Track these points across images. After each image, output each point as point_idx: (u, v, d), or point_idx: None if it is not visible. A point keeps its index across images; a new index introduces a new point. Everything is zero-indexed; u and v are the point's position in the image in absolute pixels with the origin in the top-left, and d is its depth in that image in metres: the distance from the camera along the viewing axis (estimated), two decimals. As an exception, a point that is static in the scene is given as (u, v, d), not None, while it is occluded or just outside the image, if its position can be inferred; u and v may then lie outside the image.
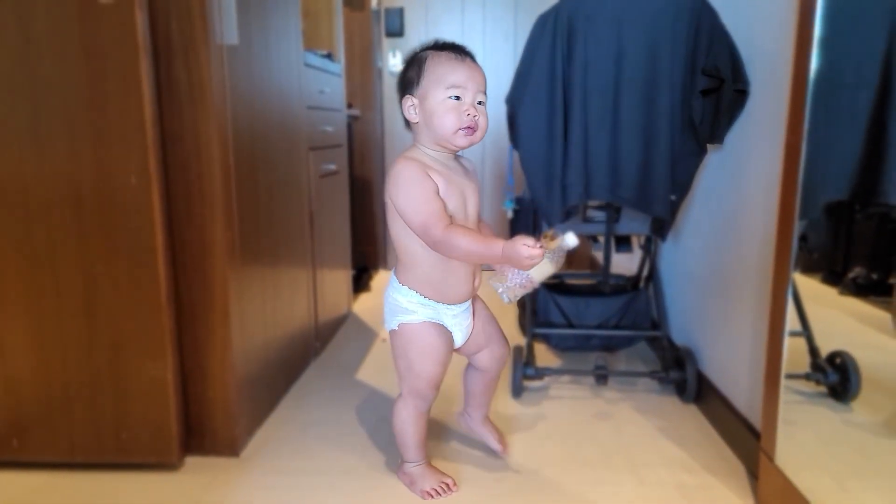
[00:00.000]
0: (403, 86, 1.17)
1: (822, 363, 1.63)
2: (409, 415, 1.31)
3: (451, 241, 1.10)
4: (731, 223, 1.58)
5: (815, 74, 1.12)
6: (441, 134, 1.14)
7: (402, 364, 1.29)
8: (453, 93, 1.12)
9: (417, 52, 1.18)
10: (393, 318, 1.27)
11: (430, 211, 1.11)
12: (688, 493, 1.32)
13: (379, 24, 3.24)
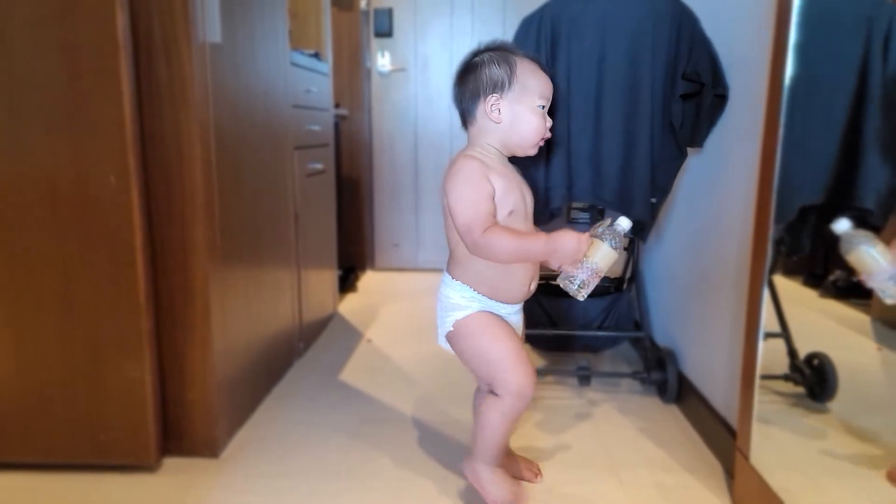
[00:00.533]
0: (488, 84, 1.13)
1: (800, 364, 1.65)
2: (501, 415, 1.18)
3: (490, 243, 1.08)
4: (711, 226, 1.59)
5: (791, 80, 1.13)
6: (524, 139, 1.15)
7: (478, 363, 1.20)
8: (543, 103, 1.14)
9: (502, 52, 1.15)
10: (447, 317, 1.21)
11: (477, 213, 1.09)
12: (666, 492, 1.33)
13: (368, 24, 3.24)
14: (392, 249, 3.45)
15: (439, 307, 1.24)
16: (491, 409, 1.19)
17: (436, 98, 3.29)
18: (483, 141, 1.17)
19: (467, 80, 1.15)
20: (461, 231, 1.12)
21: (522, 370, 1.16)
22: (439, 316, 1.24)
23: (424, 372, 2.01)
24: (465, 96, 1.16)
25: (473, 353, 1.20)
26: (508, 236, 1.09)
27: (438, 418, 1.68)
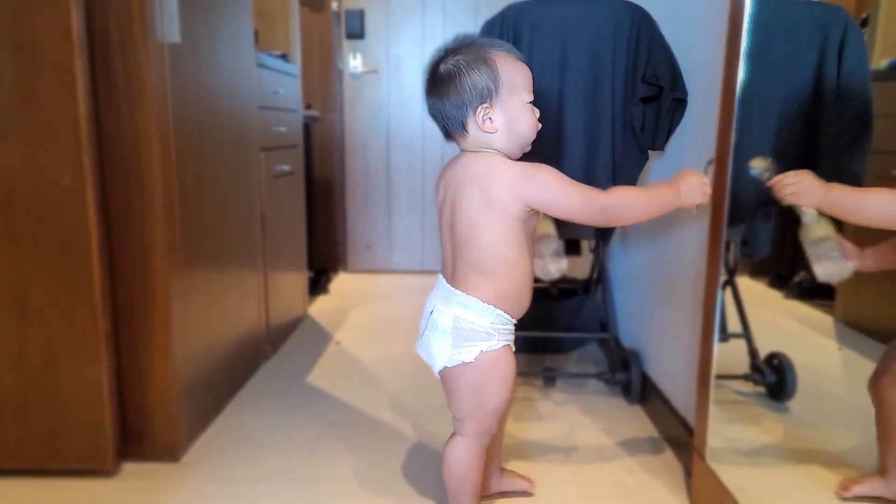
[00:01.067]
0: (473, 95, 1.02)
1: (760, 364, 1.68)
2: (474, 457, 1.12)
3: (620, 202, 1.03)
4: (671, 229, 1.61)
5: (746, 85, 1.15)
6: (522, 139, 1.07)
7: (473, 402, 1.09)
8: (530, 98, 1.07)
9: (476, 52, 1.03)
10: (468, 346, 1.06)
11: (580, 186, 1.03)
12: (626, 492, 1.35)
13: (339, 25, 3.23)
14: (365, 251, 3.45)
15: (453, 336, 1.06)
16: (462, 451, 1.12)
17: (408, 99, 3.29)
18: (485, 148, 1.07)
19: (445, 91, 1.04)
20: (583, 208, 1.03)
21: (497, 419, 1.13)
22: (453, 344, 1.06)
23: (393, 374, 2.01)
24: (447, 110, 1.05)
25: (476, 391, 1.08)
26: (633, 191, 1.05)
27: (406, 420, 1.68)
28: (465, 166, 1.07)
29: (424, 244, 3.43)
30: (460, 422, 1.12)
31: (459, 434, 1.13)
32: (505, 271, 1.06)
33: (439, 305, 1.09)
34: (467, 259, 1.06)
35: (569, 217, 1.06)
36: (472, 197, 1.04)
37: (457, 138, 1.09)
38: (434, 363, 1.11)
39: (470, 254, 1.06)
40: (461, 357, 1.06)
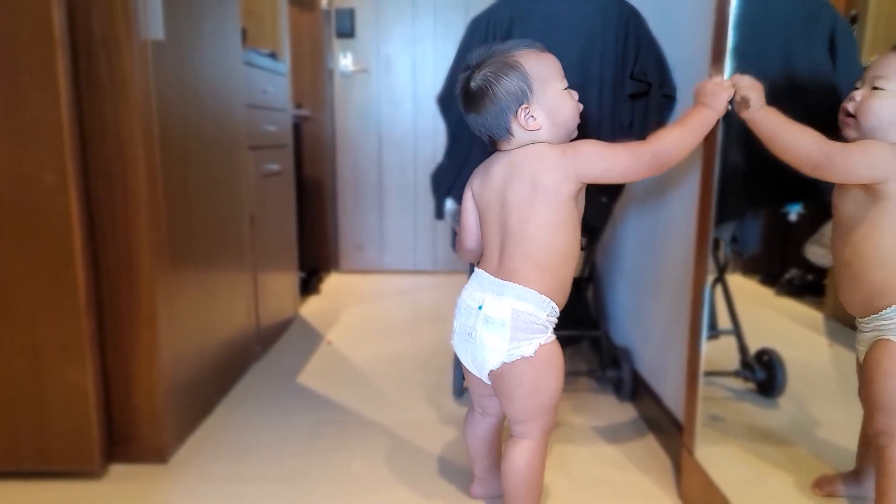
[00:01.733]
0: (511, 100, 1.04)
1: (750, 361, 1.68)
2: (543, 460, 1.10)
3: (664, 140, 1.05)
4: (661, 226, 1.61)
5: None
6: (569, 125, 1.09)
7: (535, 399, 1.07)
8: (564, 84, 1.09)
9: (505, 60, 1.05)
10: (528, 340, 1.04)
11: (622, 144, 1.06)
12: (615, 489, 1.34)
13: (329, 24, 3.22)
14: (356, 252, 3.43)
15: (512, 329, 1.04)
16: (532, 456, 1.09)
17: (399, 99, 3.28)
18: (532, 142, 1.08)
19: (482, 105, 1.06)
20: (633, 163, 1.05)
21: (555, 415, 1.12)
22: (511, 337, 1.04)
23: (384, 374, 2.00)
24: (489, 121, 1.06)
25: (537, 386, 1.06)
26: (671, 129, 1.07)
27: (397, 420, 1.67)
28: (512, 159, 1.08)
29: (416, 244, 3.42)
30: (523, 423, 1.09)
31: (525, 437, 1.09)
32: (558, 261, 1.07)
33: (490, 299, 1.06)
34: (521, 250, 1.06)
35: (623, 178, 1.09)
36: (523, 186, 1.06)
37: (502, 143, 1.10)
38: (487, 359, 1.07)
39: (524, 245, 1.05)
40: (521, 351, 1.04)
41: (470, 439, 1.26)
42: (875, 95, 0.97)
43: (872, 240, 0.98)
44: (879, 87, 0.97)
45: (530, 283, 1.04)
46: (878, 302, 1.00)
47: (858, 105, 0.99)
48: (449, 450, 1.51)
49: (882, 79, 0.97)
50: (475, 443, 1.25)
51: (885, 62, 0.98)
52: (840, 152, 0.97)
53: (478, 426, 1.23)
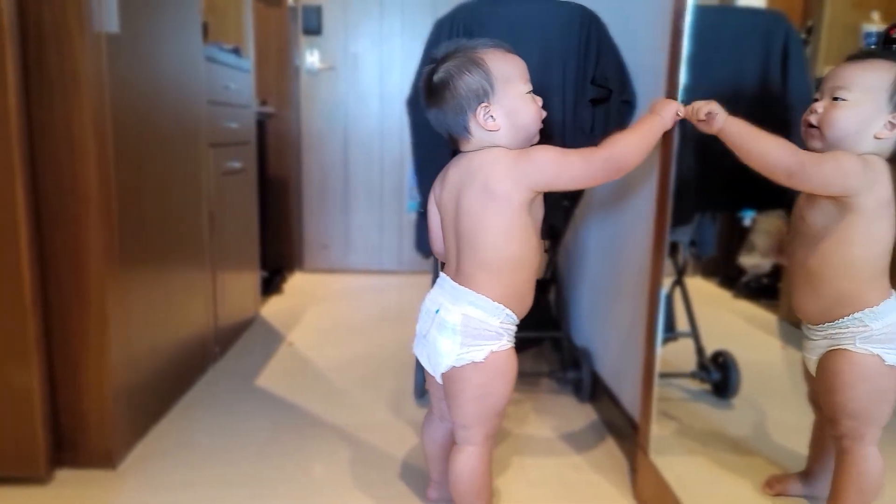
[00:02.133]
0: (470, 97, 1.03)
1: (706, 362, 1.71)
2: (487, 465, 1.10)
3: (617, 146, 1.05)
4: (620, 229, 1.63)
5: (688, 90, 1.16)
6: (529, 129, 1.07)
7: (479, 404, 1.07)
8: (528, 87, 1.07)
9: (470, 56, 1.04)
10: (478, 346, 1.04)
11: (575, 150, 1.05)
12: (570, 490, 1.36)
13: (296, 21, 3.18)
14: (321, 251, 3.40)
15: (462, 335, 1.04)
16: (476, 461, 1.09)
17: (366, 97, 3.26)
18: (491, 144, 1.07)
19: (442, 99, 1.04)
20: (584, 169, 1.04)
21: (500, 420, 1.12)
22: (461, 343, 1.04)
23: (346, 375, 1.98)
24: (448, 117, 1.05)
25: (482, 393, 1.06)
26: (624, 134, 1.07)
27: (357, 422, 1.65)
28: (468, 163, 1.07)
29: (382, 244, 3.40)
30: (466, 428, 1.09)
31: (467, 443, 1.09)
32: (512, 269, 1.05)
33: (447, 304, 1.06)
34: (474, 257, 1.05)
35: (576, 185, 1.09)
36: (476, 192, 1.04)
37: (462, 142, 1.09)
38: (439, 363, 1.07)
39: (476, 252, 1.05)
40: (471, 356, 1.04)
41: (428, 443, 1.25)
42: (837, 106, 0.99)
43: (841, 251, 1.00)
44: (840, 97, 0.99)
45: (484, 290, 1.04)
46: (838, 311, 1.02)
47: (821, 116, 1.00)
48: (408, 452, 1.50)
49: (842, 90, 0.99)
50: (433, 447, 1.25)
51: (843, 73, 1.00)
52: (813, 162, 0.98)
53: (436, 431, 1.23)
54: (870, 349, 1.00)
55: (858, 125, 0.99)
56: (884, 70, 0.98)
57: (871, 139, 0.99)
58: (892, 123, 0.98)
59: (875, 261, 1.00)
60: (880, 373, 1.00)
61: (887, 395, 1.01)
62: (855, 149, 0.99)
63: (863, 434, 1.02)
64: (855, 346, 1.01)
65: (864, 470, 1.02)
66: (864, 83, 0.98)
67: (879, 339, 0.99)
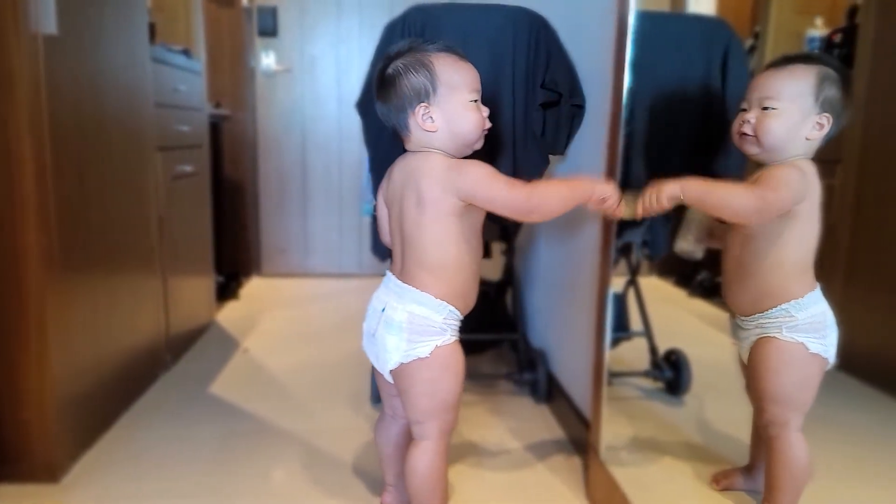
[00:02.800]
0: (411, 95, 1.05)
1: (659, 361, 1.75)
2: (443, 460, 1.11)
3: (542, 191, 1.06)
4: (573, 231, 1.65)
5: (634, 94, 1.19)
6: (467, 137, 1.08)
7: (430, 399, 1.08)
8: (474, 96, 1.08)
9: (415, 55, 1.06)
10: (423, 342, 1.06)
11: (507, 180, 1.05)
12: (524, 489, 1.37)
13: (251, 22, 3.13)
14: (279, 255, 3.35)
15: (408, 331, 1.06)
16: (431, 456, 1.10)
17: (324, 100, 3.23)
18: (429, 147, 1.09)
19: (389, 95, 1.07)
20: (508, 200, 1.05)
21: (455, 416, 1.12)
22: (407, 339, 1.06)
23: (301, 381, 1.96)
24: (392, 113, 1.08)
25: (432, 388, 1.08)
26: (553, 182, 1.08)
27: (312, 428, 1.63)
28: (407, 166, 1.09)
29: (342, 247, 3.37)
30: (421, 424, 1.10)
31: (423, 438, 1.10)
32: (451, 270, 1.08)
33: (393, 302, 1.08)
34: (415, 257, 1.08)
35: (493, 208, 1.08)
36: (412, 197, 1.06)
37: (405, 140, 1.11)
38: (387, 360, 1.09)
39: (417, 253, 1.07)
40: (417, 352, 1.06)
41: (381, 445, 1.25)
42: (768, 116, 1.04)
43: (774, 249, 1.06)
44: (770, 107, 1.04)
45: (427, 289, 1.07)
46: (767, 302, 1.08)
47: (755, 126, 1.05)
48: (365, 456, 1.49)
49: (771, 99, 1.04)
50: (387, 448, 1.24)
51: (768, 84, 1.05)
52: (770, 191, 1.02)
53: (389, 430, 1.23)
54: (795, 337, 1.06)
55: (790, 131, 1.04)
56: (805, 75, 1.03)
57: (803, 141, 1.05)
58: (820, 124, 1.04)
59: (803, 257, 1.07)
60: (804, 359, 1.07)
61: (810, 381, 1.08)
62: (789, 151, 1.05)
63: (787, 420, 1.07)
64: (782, 334, 1.07)
65: (792, 456, 1.07)
66: (790, 91, 1.03)
67: (804, 328, 1.06)
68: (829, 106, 1.02)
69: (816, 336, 1.06)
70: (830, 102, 1.02)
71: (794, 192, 1.02)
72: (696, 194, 1.04)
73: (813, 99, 1.02)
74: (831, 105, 1.02)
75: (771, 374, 1.09)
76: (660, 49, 1.41)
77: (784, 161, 1.05)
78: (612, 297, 1.26)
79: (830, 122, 1.03)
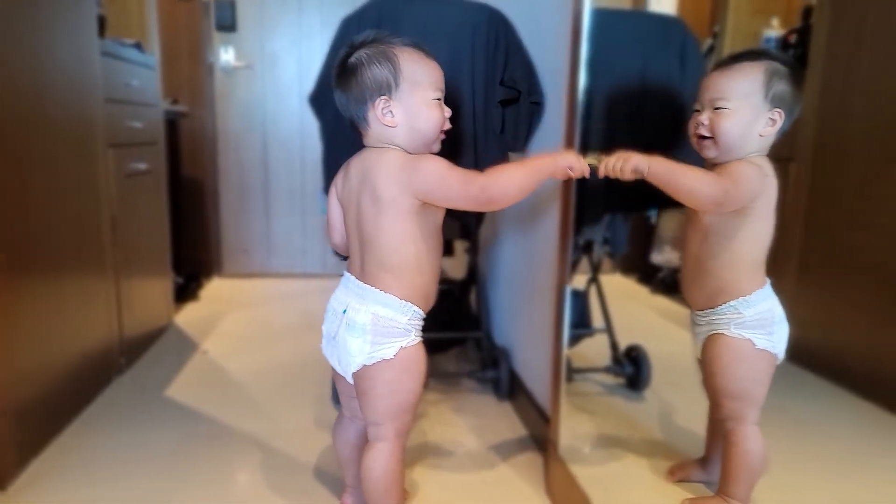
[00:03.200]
0: (373, 87, 1.02)
1: (620, 357, 1.76)
2: (399, 462, 1.09)
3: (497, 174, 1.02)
4: (533, 228, 1.66)
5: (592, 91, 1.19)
6: (426, 135, 1.06)
7: (390, 400, 1.07)
8: (437, 95, 1.06)
9: (380, 47, 1.04)
10: (388, 343, 1.05)
11: (460, 171, 1.02)
12: (485, 487, 1.36)
13: (209, 16, 3.06)
14: (241, 255, 3.29)
15: (372, 333, 1.04)
16: (387, 457, 1.08)
17: (286, 96, 3.18)
18: (387, 143, 1.06)
19: (349, 85, 1.04)
20: (462, 191, 1.01)
21: (413, 416, 1.11)
22: (372, 341, 1.04)
23: (262, 383, 1.92)
24: (351, 104, 1.05)
25: (394, 389, 1.07)
26: (508, 165, 1.04)
27: (271, 430, 1.60)
28: (363, 162, 1.06)
29: (305, 246, 3.33)
30: (378, 426, 1.09)
31: (379, 440, 1.09)
32: (413, 270, 1.06)
33: (354, 304, 1.06)
34: (376, 258, 1.05)
35: (451, 204, 1.05)
36: (369, 196, 1.04)
37: (364, 134, 1.08)
38: (350, 363, 1.06)
39: (377, 253, 1.05)
40: (381, 354, 1.04)
41: (340, 446, 1.23)
42: (721, 116, 1.05)
43: (729, 246, 1.08)
44: (722, 107, 1.05)
45: (390, 289, 1.05)
46: (720, 298, 1.10)
47: (710, 127, 1.06)
48: (325, 458, 1.47)
49: (722, 99, 1.05)
50: (346, 450, 1.22)
51: (719, 84, 1.06)
52: (732, 184, 1.02)
53: (348, 431, 1.21)
54: (742, 334, 1.08)
55: (744, 129, 1.05)
56: (753, 72, 1.04)
57: (757, 138, 1.06)
58: (773, 119, 1.05)
59: (758, 254, 1.08)
60: (752, 355, 1.08)
61: (760, 376, 1.09)
62: (744, 149, 1.06)
63: (744, 414, 1.09)
64: (730, 330, 1.09)
65: (749, 448, 1.09)
66: (740, 90, 1.04)
67: (751, 324, 1.08)
68: (780, 101, 1.04)
69: (763, 332, 1.08)
70: (781, 97, 1.03)
71: (753, 188, 1.03)
72: (662, 173, 1.03)
73: (763, 95, 1.03)
74: (782, 100, 1.04)
75: (723, 370, 1.10)
76: (617, 47, 1.42)
77: (741, 159, 1.06)
78: (570, 294, 1.27)
79: (783, 117, 1.04)
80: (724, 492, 1.12)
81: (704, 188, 1.03)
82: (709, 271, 1.10)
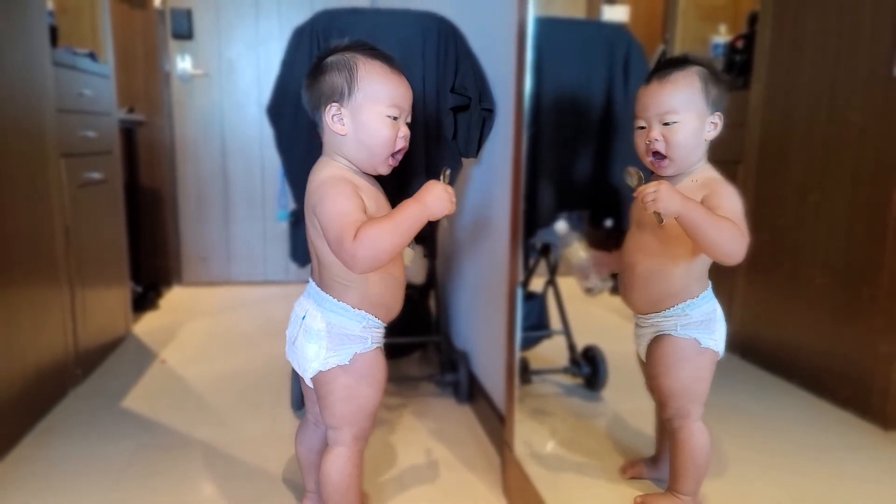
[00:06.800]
0: (326, 92, 1.02)
1: (577, 358, 1.80)
2: (356, 466, 1.11)
3: (367, 243, 0.93)
4: (488, 232, 1.69)
5: (540, 98, 1.23)
6: (374, 151, 1.03)
7: (347, 406, 1.08)
8: (393, 112, 1.03)
9: (349, 57, 1.03)
10: (343, 349, 1.05)
11: (347, 220, 0.95)
12: (443, 489, 1.39)
13: (164, 24, 3.04)
14: (201, 263, 3.26)
15: (328, 340, 1.05)
16: (344, 462, 1.09)
17: (244, 104, 3.17)
18: (335, 154, 1.06)
19: (311, 85, 1.05)
20: (335, 249, 0.97)
21: (371, 422, 1.12)
22: (328, 347, 1.05)
23: (221, 391, 1.91)
24: (310, 104, 1.06)
25: (351, 395, 1.07)
26: (378, 223, 0.95)
27: (229, 439, 1.60)
28: (311, 174, 1.06)
29: (266, 254, 3.31)
30: (336, 430, 1.10)
31: (337, 444, 1.10)
32: (367, 281, 1.05)
33: (312, 310, 1.07)
34: (325, 269, 1.06)
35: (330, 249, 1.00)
36: (310, 208, 1.03)
37: (322, 136, 1.08)
38: (307, 368, 1.07)
39: (325, 264, 1.05)
40: (337, 360, 1.05)
41: (302, 451, 1.24)
42: (673, 130, 1.05)
43: (685, 254, 1.09)
44: (671, 121, 1.05)
45: (344, 299, 1.06)
46: (665, 302, 1.12)
47: (664, 144, 1.05)
48: (285, 465, 1.47)
49: (670, 113, 1.05)
50: (307, 455, 1.23)
51: (662, 98, 1.05)
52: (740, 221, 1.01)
53: (311, 437, 1.22)
54: (688, 334, 1.11)
55: (694, 138, 1.06)
56: (691, 80, 1.05)
57: (703, 143, 1.08)
58: (714, 123, 1.07)
59: (708, 260, 1.10)
60: (698, 354, 1.12)
61: (704, 373, 1.13)
62: (693, 157, 1.07)
63: (689, 412, 1.12)
64: (676, 331, 1.12)
65: (695, 444, 1.12)
66: (684, 100, 1.04)
67: (696, 325, 1.11)
68: (717, 103, 1.05)
69: (707, 332, 1.11)
70: (717, 100, 1.05)
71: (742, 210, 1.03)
72: (691, 224, 0.98)
73: (705, 101, 1.05)
74: (718, 102, 1.05)
75: (669, 369, 1.13)
76: (563, 54, 1.47)
77: (691, 169, 1.07)
78: (522, 295, 1.30)
79: (722, 119, 1.06)
80: (674, 488, 1.15)
81: (727, 245, 0.99)
82: (656, 278, 1.12)
